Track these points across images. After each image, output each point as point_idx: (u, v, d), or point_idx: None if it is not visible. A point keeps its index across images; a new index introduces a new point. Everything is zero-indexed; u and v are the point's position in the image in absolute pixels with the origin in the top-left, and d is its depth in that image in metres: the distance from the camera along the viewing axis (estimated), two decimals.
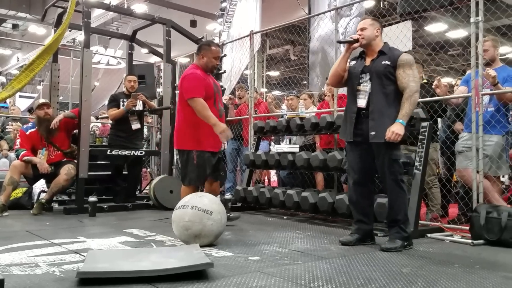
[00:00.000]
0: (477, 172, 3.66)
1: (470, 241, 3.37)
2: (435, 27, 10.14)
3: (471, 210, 3.59)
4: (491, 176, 3.91)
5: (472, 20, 3.73)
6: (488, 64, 3.90)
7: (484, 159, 3.70)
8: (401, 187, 3.13)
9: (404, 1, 5.24)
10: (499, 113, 3.86)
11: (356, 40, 3.21)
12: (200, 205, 3.04)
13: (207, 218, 3.01)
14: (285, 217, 4.74)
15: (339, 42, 3.24)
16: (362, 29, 3.23)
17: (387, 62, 3.14)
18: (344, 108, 4.97)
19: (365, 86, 3.19)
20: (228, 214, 3.84)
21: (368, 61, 3.25)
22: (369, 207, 3.35)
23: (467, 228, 3.55)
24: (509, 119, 4.04)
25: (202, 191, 3.87)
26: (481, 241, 3.36)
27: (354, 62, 3.32)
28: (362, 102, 3.19)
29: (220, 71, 6.25)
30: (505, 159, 3.93)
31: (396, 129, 3.00)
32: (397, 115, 3.06)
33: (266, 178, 8.02)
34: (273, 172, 8.04)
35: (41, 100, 5.13)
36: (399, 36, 4.64)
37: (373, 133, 3.11)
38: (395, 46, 4.63)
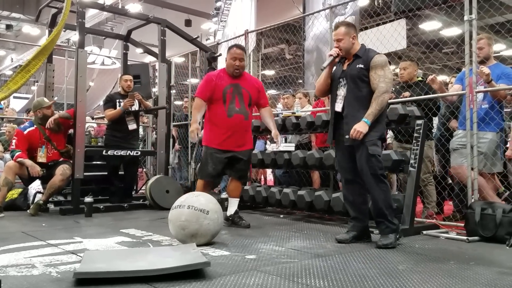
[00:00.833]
0: (472, 169, 3.69)
1: (465, 237, 3.40)
2: (429, 25, 10.18)
3: (466, 207, 3.61)
4: (486, 173, 3.94)
5: (466, 18, 3.75)
6: (482, 61, 3.92)
7: (479, 156, 3.72)
8: (381, 181, 3.15)
9: None
10: (493, 110, 3.88)
11: (337, 55, 3.28)
12: (197, 204, 3.04)
13: (203, 218, 3.01)
14: (281, 216, 4.75)
15: (323, 69, 3.32)
16: (338, 40, 3.28)
17: (360, 66, 3.21)
18: None
19: (342, 91, 3.28)
20: (239, 221, 3.93)
21: (345, 66, 3.33)
22: (362, 204, 3.38)
23: (462, 224, 3.58)
24: (503, 116, 4.07)
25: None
26: (476, 238, 3.39)
27: (335, 68, 3.40)
28: (338, 106, 3.29)
29: (215, 71, 6.25)
30: (500, 156, 3.95)
31: (359, 127, 3.08)
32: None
33: (262, 177, 8.04)
34: (269, 171, 8.06)
35: (46, 100, 5.16)
36: (393, 34, 4.66)
37: (347, 136, 3.18)
38: (390, 44, 4.68)
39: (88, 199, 4.65)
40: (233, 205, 3.98)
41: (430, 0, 4.92)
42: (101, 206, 5.02)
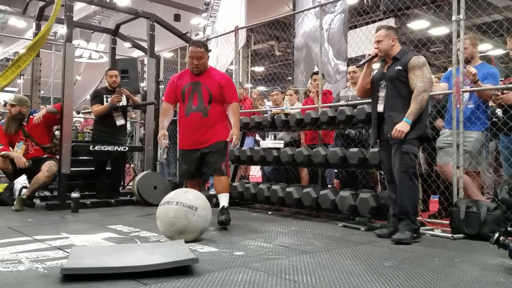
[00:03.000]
0: (458, 167, 3.74)
1: (450, 235, 3.45)
2: (417, 25, 10.26)
3: (451, 205, 3.66)
4: (471, 171, 4.00)
5: (453, 18, 3.79)
6: (468, 61, 3.98)
7: (464, 155, 3.77)
8: (411, 179, 3.24)
9: None
10: (479, 110, 3.94)
11: (375, 55, 3.39)
12: (185, 201, 3.04)
13: (192, 214, 3.01)
14: (269, 213, 4.77)
15: (359, 66, 3.43)
16: (378, 42, 3.39)
17: (399, 67, 3.31)
18: (328, 104, 5.05)
19: (382, 92, 3.40)
20: (220, 215, 3.73)
21: (385, 68, 3.44)
22: None
23: (448, 222, 3.63)
24: (489, 115, 4.13)
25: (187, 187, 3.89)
26: (461, 235, 3.44)
27: (376, 70, 3.53)
28: (380, 107, 3.41)
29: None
30: (485, 155, 4.02)
31: (400, 127, 3.18)
32: None
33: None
34: (254, 168, 8.05)
35: (18, 96, 5.07)
36: None
37: (389, 136, 3.28)
38: None
39: (74, 194, 4.62)
40: (221, 200, 3.86)
41: None
42: (88, 202, 4.98)
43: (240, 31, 6.41)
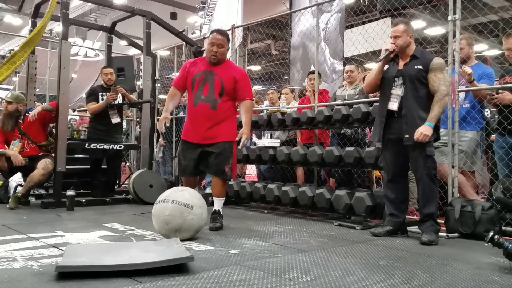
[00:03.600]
0: (453, 167, 3.75)
1: (445, 234, 3.46)
2: (413, 24, 10.26)
3: (446, 204, 3.68)
4: (466, 171, 4.02)
5: (449, 18, 3.80)
6: (464, 61, 3.99)
7: (459, 155, 3.79)
8: (434, 181, 3.28)
9: None
10: (474, 109, 3.96)
11: (393, 51, 3.34)
12: (181, 199, 3.04)
13: (187, 212, 3.01)
14: (265, 211, 4.77)
15: (379, 61, 3.39)
16: (395, 37, 3.34)
17: (419, 67, 3.27)
18: (324, 104, 5.06)
19: (398, 90, 3.34)
20: (211, 221, 3.55)
21: (401, 65, 3.38)
22: (402, 203, 3.48)
23: (442, 221, 3.64)
24: (484, 115, 4.15)
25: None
26: (455, 234, 3.46)
27: (387, 66, 3.45)
28: (394, 105, 3.34)
29: None
30: (480, 155, 4.04)
31: (424, 130, 3.16)
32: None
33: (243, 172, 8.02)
34: (253, 167, 8.05)
35: (15, 94, 5.03)
36: (378, 33, 4.70)
37: (406, 136, 3.26)
38: (375, 43, 4.72)
39: (70, 192, 4.60)
40: (215, 203, 3.66)
41: None
42: (83, 200, 4.97)
43: (236, 30, 6.40)
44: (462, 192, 3.82)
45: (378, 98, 4.33)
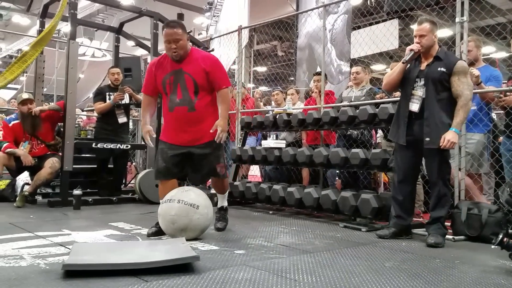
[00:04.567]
0: (459, 169, 3.74)
1: (451, 236, 3.45)
2: None
3: (452, 207, 3.66)
4: (473, 173, 4.00)
5: (457, 20, 3.79)
6: (472, 63, 3.97)
7: (466, 157, 3.77)
8: (448, 186, 3.27)
9: None
10: (482, 112, 3.94)
11: (418, 51, 3.29)
12: (187, 199, 3.05)
13: (193, 212, 3.02)
14: (270, 212, 4.77)
15: (404, 62, 3.31)
16: (421, 36, 3.28)
17: (443, 69, 3.21)
18: (331, 105, 5.05)
19: (419, 91, 3.28)
20: (216, 221, 3.51)
21: (423, 66, 3.33)
22: (410, 205, 3.46)
23: (449, 224, 3.63)
24: (491, 118, 4.13)
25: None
26: (462, 237, 3.44)
27: (408, 65, 3.39)
28: (415, 107, 3.28)
29: None
30: (487, 157, 4.01)
31: (451, 138, 3.11)
32: (451, 121, 3.17)
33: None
34: (257, 167, 8.05)
35: (24, 95, 5.02)
36: (385, 34, 4.69)
37: (427, 139, 3.21)
38: (382, 44, 4.71)
39: (76, 191, 4.63)
40: (219, 199, 3.63)
41: (423, 1, 4.96)
42: (90, 199, 4.99)
43: (243, 31, 6.41)
44: (469, 195, 3.80)
45: (385, 100, 4.35)
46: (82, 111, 9.13)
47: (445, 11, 5.16)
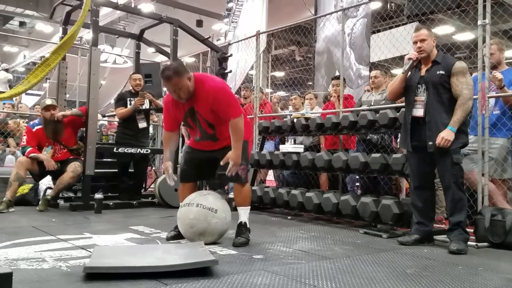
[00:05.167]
0: (483, 174, 3.66)
1: (474, 243, 3.37)
2: (442, 30, 10.11)
3: (475, 213, 3.59)
4: (496, 179, 3.91)
5: (479, 22, 3.73)
6: (494, 67, 3.90)
7: (490, 162, 3.69)
8: (462, 189, 3.23)
9: (411, 3, 5.22)
10: (505, 116, 3.85)
11: (416, 58, 3.31)
12: (205, 203, 3.06)
13: (211, 216, 3.03)
14: (289, 217, 4.75)
15: (403, 72, 3.34)
16: (422, 41, 3.30)
17: (442, 72, 3.23)
18: (350, 109, 5.02)
19: (421, 96, 3.30)
20: (236, 236, 3.20)
21: (423, 71, 3.35)
22: (430, 211, 3.42)
23: (472, 230, 3.55)
24: None
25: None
26: (485, 244, 3.36)
27: (410, 72, 3.42)
28: (419, 112, 3.30)
29: (226, 71, 6.28)
30: (510, 162, 3.92)
31: (446, 135, 3.11)
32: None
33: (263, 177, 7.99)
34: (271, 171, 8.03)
35: (48, 101, 5.12)
36: (406, 37, 4.64)
37: (430, 143, 3.21)
38: (402, 48, 4.66)
39: (98, 195, 4.70)
40: (240, 214, 3.27)
41: (443, 4, 4.89)
42: (111, 203, 5.06)
43: (261, 36, 6.43)
44: (492, 201, 3.71)
45: (404, 104, 4.29)
46: (103, 116, 9.26)
47: (467, 14, 5.07)
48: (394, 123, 4.07)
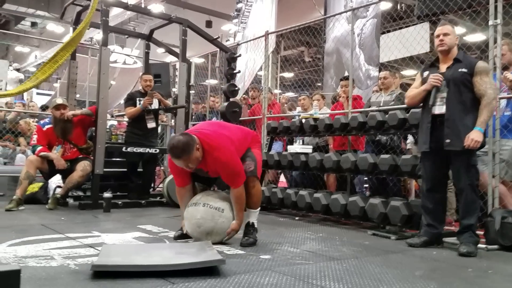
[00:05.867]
0: (493, 176, 3.62)
1: (484, 246, 3.33)
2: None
3: (486, 215, 3.54)
4: (507, 181, 3.86)
5: (490, 23, 3.69)
6: (506, 67, 3.86)
7: (500, 164, 3.65)
8: (476, 192, 3.19)
9: (422, 3, 5.19)
10: None
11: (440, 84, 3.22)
12: (212, 202, 3.06)
13: (218, 216, 3.03)
14: (296, 218, 4.74)
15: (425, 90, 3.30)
16: (445, 34, 3.26)
17: (464, 70, 3.18)
18: (359, 109, 4.99)
19: (444, 93, 3.24)
20: (243, 237, 3.19)
21: (443, 68, 3.30)
22: (441, 213, 3.39)
23: (482, 233, 3.50)
24: None
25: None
26: (495, 246, 3.32)
27: (427, 72, 3.38)
28: (440, 109, 3.24)
29: (234, 72, 6.29)
30: None
31: (475, 137, 3.06)
32: (474, 122, 3.12)
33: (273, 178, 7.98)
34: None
35: (58, 101, 5.16)
36: (416, 38, 4.61)
37: (448, 140, 3.16)
38: (413, 48, 4.63)
39: (107, 194, 4.72)
40: (249, 214, 3.26)
41: (454, 4, 4.84)
42: (119, 202, 5.08)
43: (270, 36, 6.43)
44: (503, 203, 3.67)
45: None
46: (112, 116, 9.32)
47: (478, 14, 5.02)
48: (404, 124, 4.04)
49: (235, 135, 3.23)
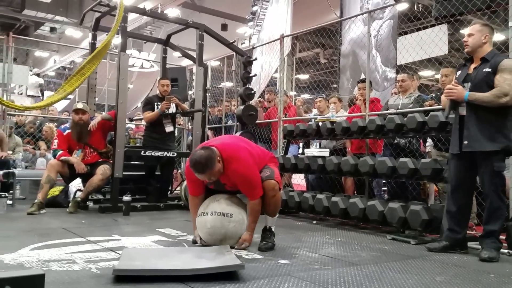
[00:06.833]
0: None
1: (506, 251, 3.27)
2: None
3: (507, 219, 3.48)
4: None
5: (510, 24, 3.63)
6: None
7: None
8: (501, 198, 3.13)
9: (440, 4, 5.13)
10: None
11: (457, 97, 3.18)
12: (219, 209, 3.05)
13: (228, 221, 3.02)
14: (314, 222, 4.72)
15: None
16: (469, 35, 3.21)
17: (488, 69, 3.11)
18: (377, 112, 4.95)
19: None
20: (261, 241, 3.19)
21: (471, 69, 3.26)
22: (464, 218, 3.33)
23: (504, 237, 3.44)
24: None
25: None
26: None
27: (459, 72, 3.34)
28: (463, 110, 3.20)
29: (250, 75, 6.31)
30: None
31: (457, 90, 3.11)
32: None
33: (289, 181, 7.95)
34: (301, 176, 7.99)
35: (79, 105, 5.25)
36: (434, 39, 4.56)
37: (465, 142, 3.13)
38: (430, 50, 4.57)
39: (126, 198, 4.78)
40: (267, 219, 3.26)
41: (473, 5, 4.77)
42: (138, 205, 5.14)
43: (285, 39, 6.43)
44: None
45: (434, 107, 4.24)
46: (131, 120, 9.43)
47: (497, 15, 4.93)
48: (423, 127, 3.99)
49: (254, 150, 3.25)
